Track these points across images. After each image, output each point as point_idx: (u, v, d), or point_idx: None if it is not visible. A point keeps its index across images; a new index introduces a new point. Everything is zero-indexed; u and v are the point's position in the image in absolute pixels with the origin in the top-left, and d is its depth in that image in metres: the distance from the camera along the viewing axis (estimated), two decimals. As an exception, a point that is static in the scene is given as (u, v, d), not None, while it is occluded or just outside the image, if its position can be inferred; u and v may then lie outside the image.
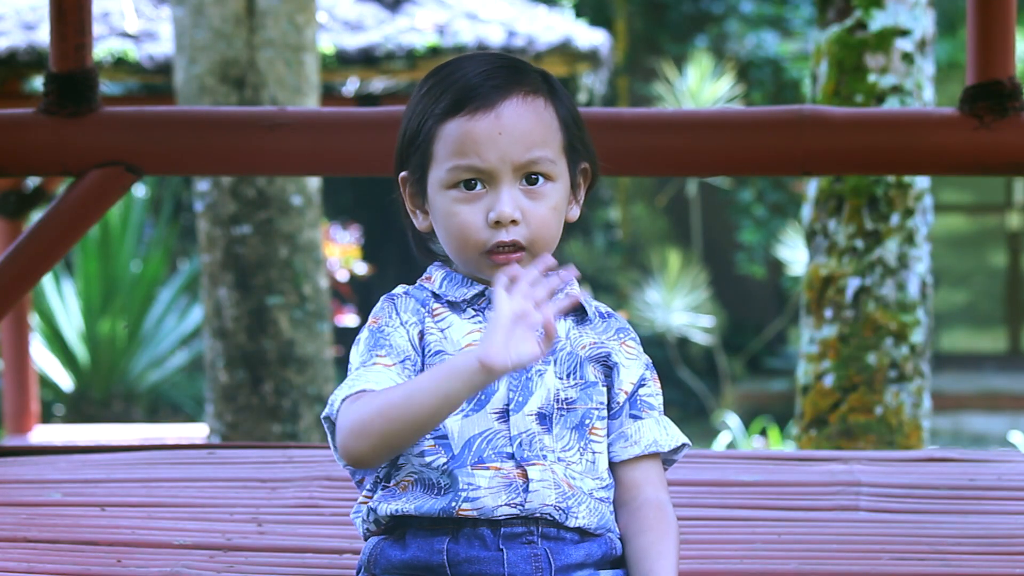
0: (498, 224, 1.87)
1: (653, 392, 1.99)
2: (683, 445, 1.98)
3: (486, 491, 1.86)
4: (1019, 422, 11.49)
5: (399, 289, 1.97)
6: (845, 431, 4.65)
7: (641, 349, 2.00)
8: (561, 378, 1.92)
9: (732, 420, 9.54)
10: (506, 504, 1.86)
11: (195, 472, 3.01)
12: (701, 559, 2.40)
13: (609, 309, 2.01)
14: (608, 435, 1.96)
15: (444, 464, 1.87)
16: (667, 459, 1.99)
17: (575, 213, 1.98)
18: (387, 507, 1.90)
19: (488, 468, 1.87)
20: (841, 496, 2.80)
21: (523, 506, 1.87)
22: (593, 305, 1.99)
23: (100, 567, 2.36)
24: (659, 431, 1.97)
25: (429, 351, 1.90)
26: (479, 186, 1.89)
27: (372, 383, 1.84)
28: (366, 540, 1.96)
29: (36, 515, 2.68)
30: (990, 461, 3.09)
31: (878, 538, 2.53)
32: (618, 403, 1.96)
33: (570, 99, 1.97)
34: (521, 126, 1.89)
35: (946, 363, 12.35)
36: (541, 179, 1.90)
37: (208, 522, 2.62)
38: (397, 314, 1.92)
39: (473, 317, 1.92)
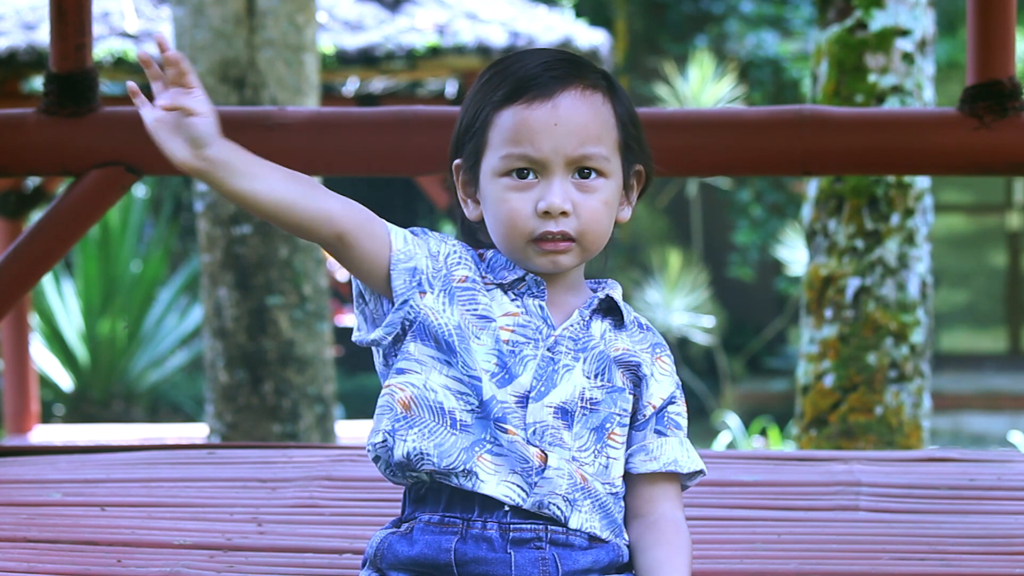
0: (547, 215, 1.87)
1: (681, 412, 1.99)
2: (700, 471, 1.98)
3: (508, 450, 1.84)
4: (1019, 422, 11.49)
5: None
6: (845, 431, 4.65)
7: (674, 368, 1.99)
8: (589, 377, 1.91)
9: (732, 420, 9.54)
10: (518, 485, 1.85)
11: (195, 472, 3.01)
12: (701, 559, 2.39)
13: (648, 323, 2.00)
14: (629, 445, 1.95)
15: (477, 398, 1.85)
16: (681, 483, 1.99)
17: (626, 214, 1.97)
18: (404, 447, 1.86)
19: (508, 432, 1.85)
20: (841, 496, 2.80)
21: (532, 489, 1.85)
22: (632, 314, 1.98)
23: (100, 567, 2.36)
24: (681, 451, 1.96)
25: (470, 309, 1.88)
26: (531, 175, 1.89)
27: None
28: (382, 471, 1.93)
29: (36, 515, 2.68)
30: (990, 461, 3.09)
31: (878, 538, 2.53)
32: (644, 416, 1.95)
33: (628, 100, 1.97)
34: (577, 119, 1.89)
35: (946, 363, 12.35)
36: (594, 174, 1.90)
37: (208, 522, 2.61)
38: (447, 243, 1.92)
39: (513, 301, 1.92)
